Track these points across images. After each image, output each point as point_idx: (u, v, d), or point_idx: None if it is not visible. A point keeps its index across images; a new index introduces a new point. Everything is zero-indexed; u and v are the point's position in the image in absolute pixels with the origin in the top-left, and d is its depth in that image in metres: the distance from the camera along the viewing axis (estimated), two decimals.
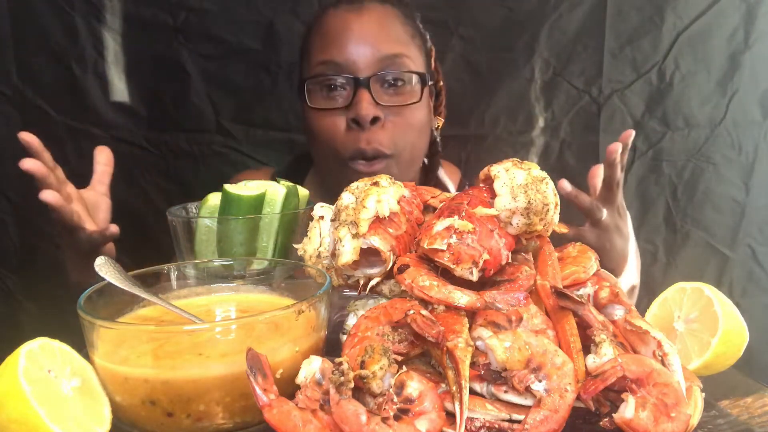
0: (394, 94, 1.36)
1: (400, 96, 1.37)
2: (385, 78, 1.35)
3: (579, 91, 2.01)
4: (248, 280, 0.95)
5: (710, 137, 2.05)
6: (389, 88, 1.36)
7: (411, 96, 1.37)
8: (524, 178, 0.78)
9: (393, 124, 1.35)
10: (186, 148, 1.98)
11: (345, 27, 1.35)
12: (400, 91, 1.37)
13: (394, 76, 1.35)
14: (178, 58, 1.92)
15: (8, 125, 1.89)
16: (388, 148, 1.35)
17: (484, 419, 0.64)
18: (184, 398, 0.66)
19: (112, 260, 0.84)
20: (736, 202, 2.09)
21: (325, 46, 1.37)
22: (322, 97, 1.37)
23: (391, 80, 1.36)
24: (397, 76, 1.35)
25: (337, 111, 1.35)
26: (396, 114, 1.36)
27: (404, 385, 0.63)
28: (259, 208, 1.05)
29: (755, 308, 2.09)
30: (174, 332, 0.72)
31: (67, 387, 0.66)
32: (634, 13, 1.97)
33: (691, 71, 2.01)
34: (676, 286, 0.86)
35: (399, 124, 1.36)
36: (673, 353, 0.69)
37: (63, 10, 1.85)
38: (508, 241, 0.78)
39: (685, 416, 0.64)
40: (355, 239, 0.77)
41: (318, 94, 1.37)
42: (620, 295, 0.78)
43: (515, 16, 1.96)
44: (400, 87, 1.36)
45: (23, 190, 1.93)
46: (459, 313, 0.70)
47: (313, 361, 0.66)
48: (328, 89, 1.36)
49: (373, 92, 1.32)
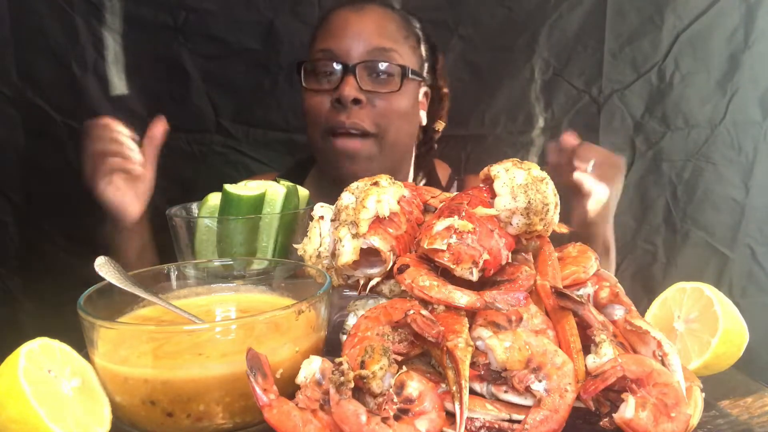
0: (377, 82, 1.50)
1: (382, 85, 1.50)
2: (371, 66, 1.49)
3: (579, 91, 2.01)
4: (248, 280, 0.95)
5: (710, 137, 2.04)
6: (375, 76, 1.49)
7: (392, 86, 1.51)
8: (524, 178, 0.78)
9: (374, 107, 1.49)
10: (186, 148, 1.98)
11: (345, 22, 1.52)
12: (383, 80, 1.50)
13: (380, 67, 1.49)
14: (178, 58, 1.92)
15: (8, 125, 1.89)
16: (369, 126, 1.48)
17: (484, 419, 0.64)
18: (184, 398, 0.66)
19: (112, 260, 0.84)
20: (736, 202, 2.09)
21: (325, 37, 1.53)
22: (315, 80, 1.52)
23: (377, 70, 1.49)
24: (383, 68, 1.49)
25: (325, 92, 1.49)
26: (378, 98, 1.49)
27: (404, 385, 0.63)
28: (259, 208, 1.05)
29: (755, 308, 2.09)
30: (174, 332, 0.72)
31: (67, 387, 0.66)
32: (634, 13, 1.97)
33: (691, 71, 2.00)
34: (676, 286, 0.86)
35: (380, 107, 1.49)
36: (673, 353, 0.69)
37: (63, 10, 1.85)
38: (508, 241, 0.78)
39: (685, 416, 0.64)
40: (355, 239, 0.77)
41: (312, 77, 1.52)
42: (620, 295, 0.78)
43: (515, 16, 1.96)
44: (385, 77, 1.50)
45: (23, 190, 1.93)
46: (459, 313, 0.70)
47: (313, 361, 0.66)
48: (322, 74, 1.51)
49: (359, 78, 1.46)
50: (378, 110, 1.49)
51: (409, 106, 1.56)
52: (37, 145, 1.92)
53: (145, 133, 2.01)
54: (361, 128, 1.47)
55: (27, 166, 1.92)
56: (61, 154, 1.93)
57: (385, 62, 1.49)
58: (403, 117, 1.55)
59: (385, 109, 1.50)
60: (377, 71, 1.49)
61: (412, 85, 1.56)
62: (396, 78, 1.50)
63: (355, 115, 1.46)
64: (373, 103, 1.48)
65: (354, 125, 1.47)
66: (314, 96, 1.51)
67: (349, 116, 1.46)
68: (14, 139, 1.90)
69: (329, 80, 1.49)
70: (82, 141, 1.40)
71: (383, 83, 1.50)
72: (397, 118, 1.52)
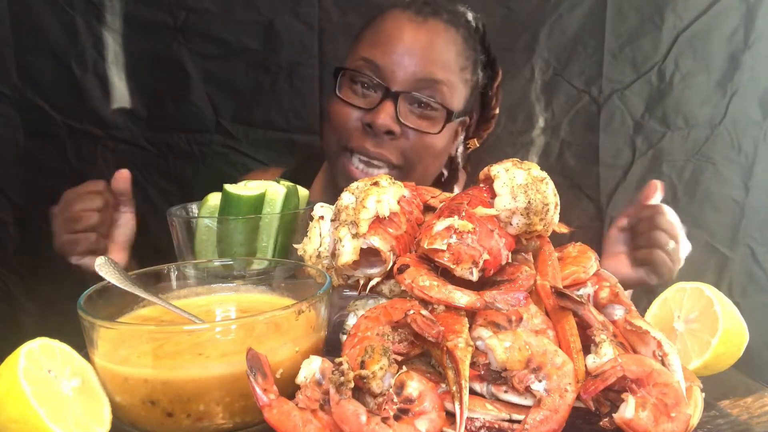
0: (418, 117, 1.35)
1: (423, 120, 1.36)
2: (415, 98, 1.34)
3: (579, 91, 2.01)
4: (248, 280, 0.95)
5: (710, 137, 2.04)
6: (417, 109, 1.35)
7: (433, 125, 1.36)
8: (524, 178, 0.78)
9: (407, 140, 1.35)
10: (186, 148, 1.98)
11: (400, 33, 1.34)
12: (425, 115, 1.36)
13: (425, 101, 1.34)
14: (178, 58, 1.92)
15: (8, 125, 1.89)
16: (396, 159, 1.36)
17: (484, 419, 0.64)
18: (184, 398, 0.66)
19: (112, 260, 0.84)
20: (736, 202, 2.09)
21: (373, 43, 1.36)
22: (351, 91, 1.37)
23: (421, 103, 1.35)
24: (428, 102, 1.34)
25: (358, 108, 1.35)
26: (413, 134, 1.35)
27: (404, 385, 0.63)
28: (259, 208, 1.05)
29: (755, 308, 2.09)
30: (174, 332, 0.72)
31: (67, 387, 0.66)
32: (634, 13, 1.97)
33: (691, 71, 2.01)
34: (676, 286, 0.86)
35: (413, 142, 1.35)
36: (673, 353, 0.69)
37: (63, 10, 1.85)
38: (508, 241, 0.78)
39: (685, 416, 0.64)
40: (355, 239, 0.77)
41: (348, 87, 1.38)
42: (620, 295, 0.78)
43: (515, 16, 1.96)
44: (427, 112, 1.35)
45: (23, 191, 1.93)
46: (459, 313, 0.70)
47: (313, 361, 0.66)
48: (360, 86, 1.36)
49: (399, 107, 1.32)
50: (410, 144, 1.35)
51: (444, 145, 1.42)
52: (37, 145, 1.92)
53: (144, 132, 2.01)
54: (387, 160, 1.35)
55: (27, 166, 1.92)
56: (61, 154, 1.93)
57: (432, 99, 1.34)
58: (436, 156, 1.42)
59: (418, 146, 1.36)
60: (421, 104, 1.34)
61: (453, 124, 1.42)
62: (439, 118, 1.36)
63: (383, 145, 1.33)
64: (406, 137, 1.34)
65: (380, 156, 1.34)
66: (344, 107, 1.36)
67: (377, 145, 1.33)
68: (14, 139, 1.90)
69: (365, 97, 1.35)
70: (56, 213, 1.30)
71: (424, 120, 1.35)
72: (427, 156, 1.39)
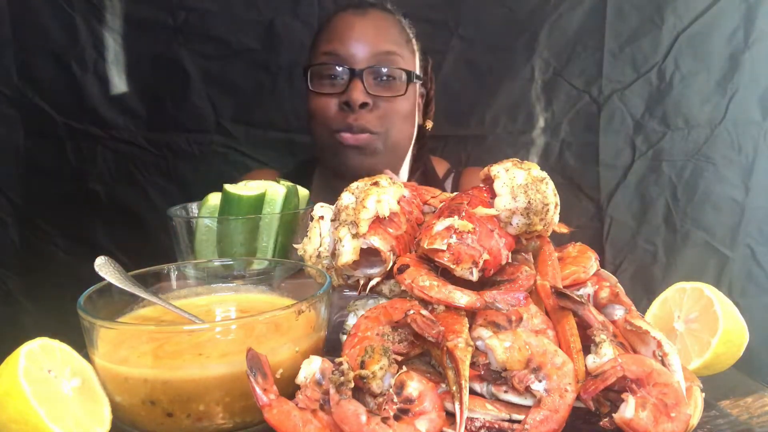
0: (383, 86, 1.56)
1: (388, 88, 1.56)
2: (377, 71, 1.54)
3: (579, 91, 2.01)
4: (248, 280, 0.95)
5: (710, 137, 2.04)
6: (381, 80, 1.55)
7: (398, 89, 1.57)
8: (524, 178, 0.78)
9: (379, 110, 1.55)
10: (186, 148, 1.98)
11: (349, 26, 1.57)
12: (388, 84, 1.56)
13: (385, 71, 1.55)
14: (178, 58, 1.92)
15: (8, 125, 1.89)
16: (374, 126, 1.55)
17: (484, 419, 0.64)
18: (184, 398, 0.66)
19: (112, 260, 0.84)
20: (736, 202, 2.09)
21: (330, 40, 1.57)
22: (322, 83, 1.56)
23: (382, 74, 1.55)
24: (388, 72, 1.55)
25: (332, 95, 1.55)
26: (384, 101, 1.55)
27: (404, 385, 0.63)
28: (259, 208, 1.05)
29: (755, 308, 2.09)
30: (174, 332, 0.72)
31: (67, 387, 0.66)
32: (634, 13, 1.97)
33: (691, 71, 2.01)
34: (676, 286, 0.86)
35: (385, 109, 1.56)
36: (673, 353, 0.69)
37: (63, 10, 1.86)
38: (508, 241, 0.78)
39: (685, 416, 0.64)
40: (355, 239, 0.77)
41: (319, 80, 1.57)
42: (620, 295, 0.78)
43: (515, 16, 1.97)
44: (390, 81, 1.56)
45: (24, 191, 1.93)
46: (459, 313, 0.70)
47: (313, 361, 0.66)
48: (328, 77, 1.55)
49: (365, 82, 1.52)
50: (383, 111, 1.55)
51: (410, 108, 1.63)
52: (37, 145, 1.92)
53: (144, 132, 2.01)
54: (367, 129, 1.54)
55: (27, 166, 1.92)
56: (61, 154, 1.93)
57: (392, 66, 1.54)
58: (405, 118, 1.62)
59: (390, 111, 1.56)
60: (383, 75, 1.55)
61: (413, 87, 1.63)
62: (401, 81, 1.56)
63: (362, 117, 1.53)
64: (378, 105, 1.55)
65: (361, 126, 1.53)
66: (321, 98, 1.56)
67: (357, 118, 1.52)
68: (14, 139, 1.90)
69: (336, 83, 1.54)
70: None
71: (389, 87, 1.56)
72: (399, 120, 1.59)
